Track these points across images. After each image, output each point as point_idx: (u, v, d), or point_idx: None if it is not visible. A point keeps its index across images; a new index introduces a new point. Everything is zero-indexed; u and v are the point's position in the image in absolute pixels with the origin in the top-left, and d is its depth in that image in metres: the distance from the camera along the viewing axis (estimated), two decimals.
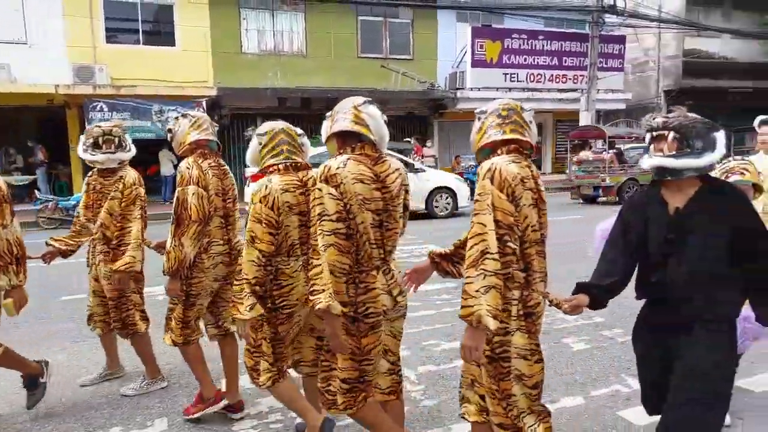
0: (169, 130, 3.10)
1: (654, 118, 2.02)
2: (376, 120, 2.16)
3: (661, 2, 19.77)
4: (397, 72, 16.83)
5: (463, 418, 2.19)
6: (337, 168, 2.05)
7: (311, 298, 2.02)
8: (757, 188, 2.57)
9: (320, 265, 2.01)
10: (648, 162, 2.00)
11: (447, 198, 11.63)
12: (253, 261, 2.29)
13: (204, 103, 14.67)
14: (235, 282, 2.37)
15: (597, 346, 3.94)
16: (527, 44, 17.65)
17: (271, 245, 2.33)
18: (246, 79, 15.57)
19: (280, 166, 2.43)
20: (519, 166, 1.92)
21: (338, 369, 2.17)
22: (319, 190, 2.05)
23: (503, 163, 1.90)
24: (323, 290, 1.98)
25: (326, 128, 2.24)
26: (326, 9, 16.30)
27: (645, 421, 2.86)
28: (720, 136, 1.95)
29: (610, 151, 14.01)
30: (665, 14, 18.85)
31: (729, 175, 2.53)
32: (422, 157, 15.20)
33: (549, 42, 17.98)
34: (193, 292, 2.89)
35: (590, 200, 13.64)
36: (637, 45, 20.85)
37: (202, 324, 3.09)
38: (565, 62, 18.25)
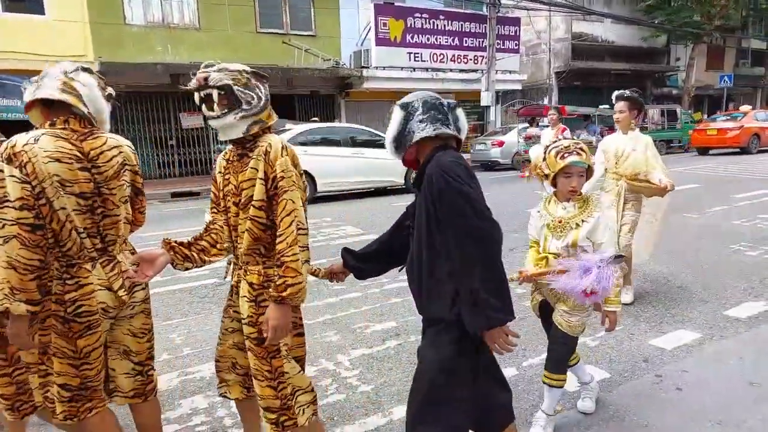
0: None
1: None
2: (90, 90, 1.90)
3: None
4: (299, 48, 16.26)
5: (224, 396, 2.16)
6: (25, 145, 1.75)
7: None
8: (590, 171, 2.41)
9: None
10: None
11: None
12: None
13: None
14: None
15: (521, 317, 3.98)
16: (429, 23, 17.81)
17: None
18: (132, 54, 14.23)
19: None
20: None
21: (55, 374, 1.88)
22: (0, 171, 1.73)
23: (283, 139, 1.94)
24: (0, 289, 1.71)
25: (29, 94, 1.93)
26: None
27: (575, 387, 2.93)
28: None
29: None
30: None
31: (566, 154, 2.32)
32: None
33: (450, 22, 18.28)
34: None
35: None
36: (530, 27, 21.89)
37: None
38: (466, 43, 18.68)
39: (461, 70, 18.79)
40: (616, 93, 4.11)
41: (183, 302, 4.55)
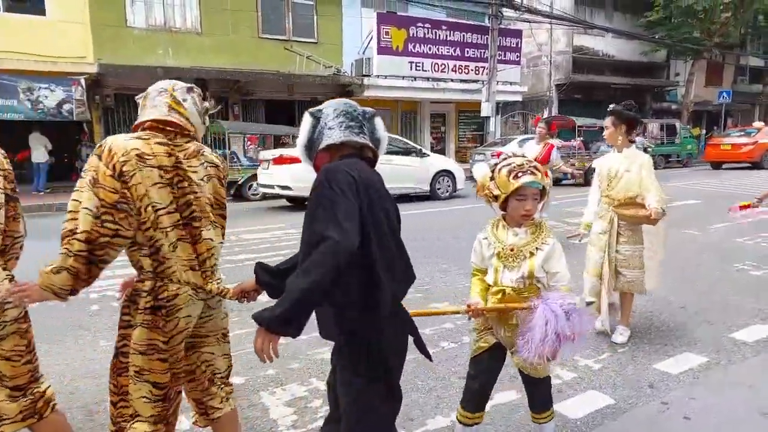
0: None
1: None
2: None
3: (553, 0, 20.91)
4: (301, 55, 16.21)
5: (196, 424, 2.13)
6: None
7: None
8: (544, 193, 2.14)
9: None
10: None
11: (447, 181, 12.31)
12: None
13: (83, 81, 13.12)
14: None
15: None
16: (431, 33, 17.80)
17: None
18: (132, 56, 14.14)
19: None
20: (145, 142, 1.79)
21: None
22: None
23: (119, 139, 1.78)
24: None
25: None
26: None
27: (581, 413, 2.81)
28: None
29: (578, 138, 15.39)
30: (557, 11, 19.94)
31: (520, 173, 2.05)
32: None
33: (452, 32, 18.27)
34: None
35: (556, 182, 15.53)
36: (532, 40, 21.91)
37: None
38: (467, 53, 18.66)
39: (462, 81, 18.76)
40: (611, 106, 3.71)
41: None
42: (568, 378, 3.21)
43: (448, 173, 12.36)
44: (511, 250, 2.10)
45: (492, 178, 2.15)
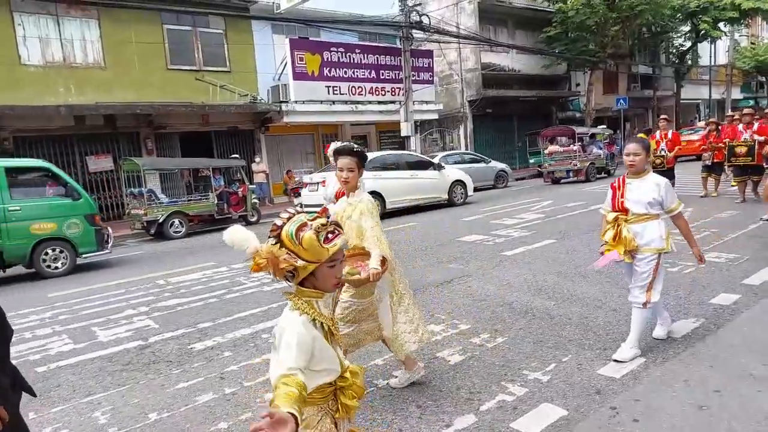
0: None
1: None
2: None
3: (459, 20, 21.92)
4: (214, 85, 15.82)
5: None
6: None
7: None
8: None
9: None
10: None
11: (461, 189, 14.40)
12: None
13: None
14: None
15: (471, 355, 3.92)
16: (346, 57, 18.00)
17: None
18: (31, 96, 13.18)
19: None
20: None
21: None
22: None
23: None
24: None
25: None
26: (122, 16, 14.55)
27: (537, 430, 2.86)
28: None
29: (577, 143, 17.67)
30: (463, 30, 20.89)
31: (329, 234, 1.58)
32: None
33: (365, 55, 18.59)
34: None
35: (556, 181, 18.07)
36: (443, 59, 22.77)
37: None
38: (382, 75, 19.05)
39: (380, 102, 19.09)
40: (335, 146, 3.12)
41: (104, 372, 4.06)
42: (521, 393, 3.27)
43: (461, 183, 14.34)
44: (332, 320, 1.70)
45: (282, 246, 1.54)
